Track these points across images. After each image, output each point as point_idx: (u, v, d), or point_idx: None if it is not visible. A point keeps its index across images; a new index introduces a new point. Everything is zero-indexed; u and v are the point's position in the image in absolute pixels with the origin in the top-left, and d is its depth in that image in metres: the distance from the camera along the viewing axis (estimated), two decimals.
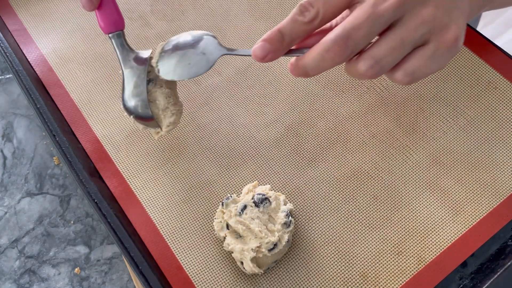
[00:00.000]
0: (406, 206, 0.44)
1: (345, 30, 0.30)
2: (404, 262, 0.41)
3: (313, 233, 0.43)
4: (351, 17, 0.30)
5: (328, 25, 0.34)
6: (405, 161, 0.46)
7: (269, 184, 0.45)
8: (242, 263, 0.39)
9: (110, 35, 0.41)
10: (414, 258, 0.41)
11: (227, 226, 0.40)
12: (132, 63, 0.41)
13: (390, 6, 0.30)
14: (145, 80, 0.41)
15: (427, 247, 0.42)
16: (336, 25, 0.33)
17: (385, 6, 0.30)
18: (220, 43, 0.38)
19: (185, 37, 0.39)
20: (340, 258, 0.42)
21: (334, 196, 0.44)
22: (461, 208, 0.43)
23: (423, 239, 0.42)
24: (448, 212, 0.43)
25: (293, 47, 0.34)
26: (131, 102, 0.41)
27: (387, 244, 0.42)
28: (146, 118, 0.42)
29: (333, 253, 0.42)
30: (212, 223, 0.43)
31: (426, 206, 0.44)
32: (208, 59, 0.37)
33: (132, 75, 0.41)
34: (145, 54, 0.41)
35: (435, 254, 0.41)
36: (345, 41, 0.30)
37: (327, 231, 0.43)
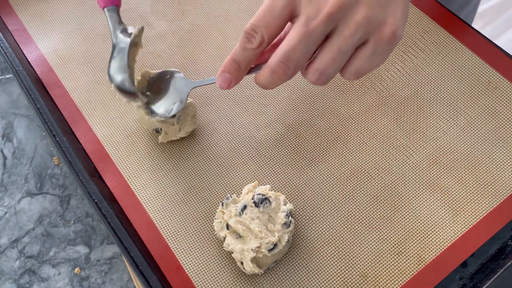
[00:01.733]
0: (406, 206, 0.44)
1: (284, 54, 0.33)
2: (404, 262, 0.41)
3: (313, 233, 0.43)
4: (287, 39, 0.33)
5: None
6: (405, 161, 0.46)
7: (269, 184, 0.45)
8: (242, 263, 0.39)
9: (105, 9, 0.44)
10: (414, 258, 0.41)
11: (227, 226, 0.40)
12: (121, 36, 0.43)
13: (320, 22, 0.32)
14: (127, 52, 0.43)
15: (427, 247, 0.42)
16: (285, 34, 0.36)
17: (316, 23, 0.32)
18: (186, 78, 0.44)
19: (161, 81, 0.44)
20: (340, 258, 0.42)
21: (334, 196, 0.44)
22: (461, 208, 0.43)
23: (423, 239, 0.42)
24: (448, 212, 0.43)
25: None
26: (114, 72, 0.43)
27: (387, 244, 0.42)
28: (126, 90, 0.43)
29: (333, 253, 0.42)
30: (212, 223, 0.43)
31: (426, 206, 0.44)
32: (181, 99, 0.43)
33: (121, 48, 0.43)
34: (131, 29, 0.44)
35: (435, 254, 0.41)
36: (285, 62, 0.33)
37: (327, 231, 0.43)
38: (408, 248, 0.42)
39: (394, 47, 0.34)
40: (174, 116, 0.45)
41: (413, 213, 0.43)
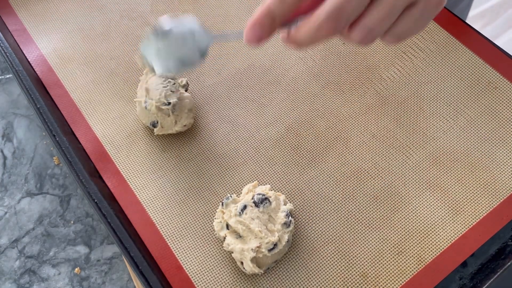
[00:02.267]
0: (406, 206, 0.44)
1: (336, 6, 0.29)
2: (404, 262, 0.41)
3: (313, 233, 0.43)
4: None
5: None
6: (405, 161, 0.46)
7: (269, 184, 0.45)
8: (242, 263, 0.39)
9: None
10: (414, 258, 0.41)
11: (227, 226, 0.40)
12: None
13: None
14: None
15: (427, 247, 0.42)
16: None
17: None
18: (206, 29, 0.37)
19: (172, 28, 0.37)
20: (340, 258, 0.42)
21: (334, 196, 0.44)
22: (461, 208, 0.43)
23: (423, 239, 0.42)
24: (448, 212, 0.43)
25: None
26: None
27: (387, 244, 0.42)
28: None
29: (333, 253, 0.42)
30: (212, 223, 0.43)
31: (426, 206, 0.44)
32: (200, 51, 0.36)
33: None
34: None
35: (435, 254, 0.41)
36: (337, 15, 0.29)
37: (327, 231, 0.43)
38: (408, 248, 0.42)
39: (438, 13, 0.32)
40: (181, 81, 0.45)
41: (413, 213, 0.43)
